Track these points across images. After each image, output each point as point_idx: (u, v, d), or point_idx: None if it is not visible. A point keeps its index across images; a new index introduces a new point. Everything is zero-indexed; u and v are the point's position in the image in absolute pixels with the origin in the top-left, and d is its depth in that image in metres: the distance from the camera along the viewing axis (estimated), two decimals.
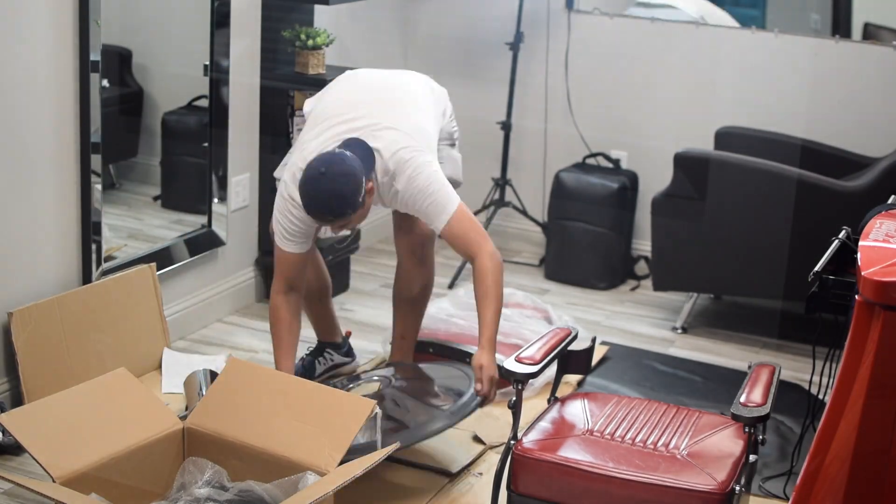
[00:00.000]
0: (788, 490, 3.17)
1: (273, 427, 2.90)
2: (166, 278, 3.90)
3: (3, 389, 3.34)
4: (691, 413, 2.86)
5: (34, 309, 3.32)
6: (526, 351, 2.80)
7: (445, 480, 3.20)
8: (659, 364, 4.10)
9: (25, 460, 3.15)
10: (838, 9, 4.79)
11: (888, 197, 3.00)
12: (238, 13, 4.05)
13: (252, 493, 2.78)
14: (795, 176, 4.14)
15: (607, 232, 4.81)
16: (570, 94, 5.01)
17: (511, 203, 5.07)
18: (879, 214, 2.66)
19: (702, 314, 4.58)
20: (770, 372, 2.77)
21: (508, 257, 5.13)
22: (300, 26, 4.24)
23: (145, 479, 2.88)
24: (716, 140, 4.65)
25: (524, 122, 5.10)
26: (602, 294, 4.77)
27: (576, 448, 2.67)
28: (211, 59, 3.98)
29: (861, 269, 2.22)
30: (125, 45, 3.93)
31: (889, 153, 4.29)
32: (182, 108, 4.17)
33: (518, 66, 4.99)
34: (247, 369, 3.09)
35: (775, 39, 4.68)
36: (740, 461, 2.62)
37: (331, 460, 2.80)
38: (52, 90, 3.36)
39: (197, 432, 2.96)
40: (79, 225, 3.53)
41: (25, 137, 3.31)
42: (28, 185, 3.35)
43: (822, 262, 2.71)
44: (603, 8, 4.96)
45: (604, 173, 4.90)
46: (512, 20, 4.97)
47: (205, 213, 4.12)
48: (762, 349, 4.28)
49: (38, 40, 3.29)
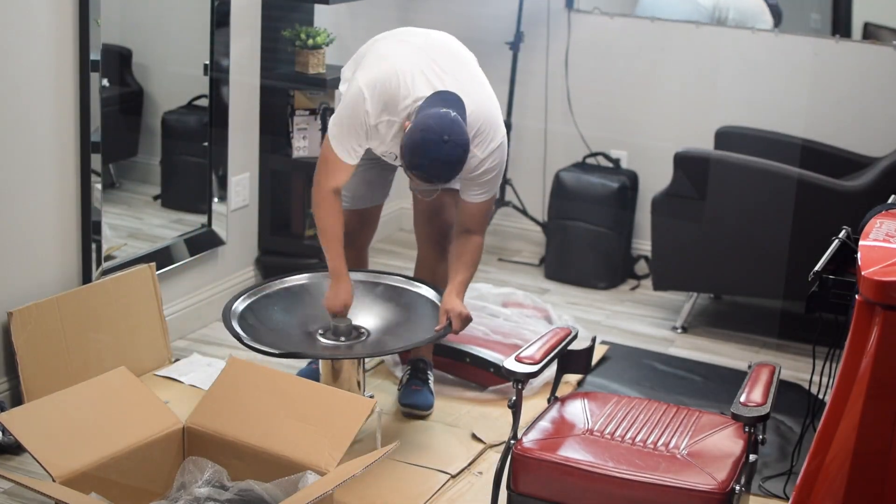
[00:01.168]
0: (788, 490, 3.17)
1: (273, 427, 2.90)
2: (166, 278, 3.90)
3: (3, 389, 3.34)
4: (691, 413, 2.86)
5: (34, 309, 3.32)
6: (526, 350, 2.80)
7: (445, 480, 3.20)
8: (659, 364, 4.10)
9: (25, 459, 3.15)
10: (838, 9, 4.79)
11: (888, 197, 3.00)
12: (238, 13, 4.05)
13: (252, 493, 2.78)
14: (795, 176, 4.14)
15: (607, 231, 4.81)
16: (570, 93, 5.01)
17: (511, 202, 5.07)
18: (879, 214, 2.66)
19: (702, 314, 4.58)
20: (770, 372, 2.77)
21: (508, 257, 5.13)
22: (300, 26, 4.24)
23: (145, 479, 2.88)
24: (716, 140, 4.65)
25: (524, 121, 5.10)
26: (602, 294, 4.77)
27: (576, 448, 2.67)
28: (211, 58, 3.99)
29: (861, 268, 2.22)
30: (125, 45, 3.93)
31: (889, 153, 4.29)
32: (182, 107, 4.17)
33: (518, 65, 4.99)
34: (247, 369, 3.09)
35: (775, 39, 4.68)
36: (740, 461, 2.62)
37: (331, 460, 2.80)
38: (52, 90, 3.36)
39: (197, 432, 2.96)
40: (79, 225, 3.53)
41: (25, 137, 3.31)
42: (28, 185, 3.35)
43: (822, 261, 2.71)
44: (603, 8, 4.96)
45: (604, 173, 4.90)
46: (512, 20, 4.97)
47: (205, 213, 4.12)
48: (762, 349, 4.28)
49: (39, 40, 3.29)
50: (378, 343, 3.35)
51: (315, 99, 4.27)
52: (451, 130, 3.02)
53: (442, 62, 3.24)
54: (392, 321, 3.43)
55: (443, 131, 3.01)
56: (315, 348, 3.30)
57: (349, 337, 3.33)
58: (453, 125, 3.04)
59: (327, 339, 3.33)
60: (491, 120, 3.22)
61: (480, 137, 3.20)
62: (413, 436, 3.44)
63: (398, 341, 3.35)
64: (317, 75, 4.23)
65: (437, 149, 3.01)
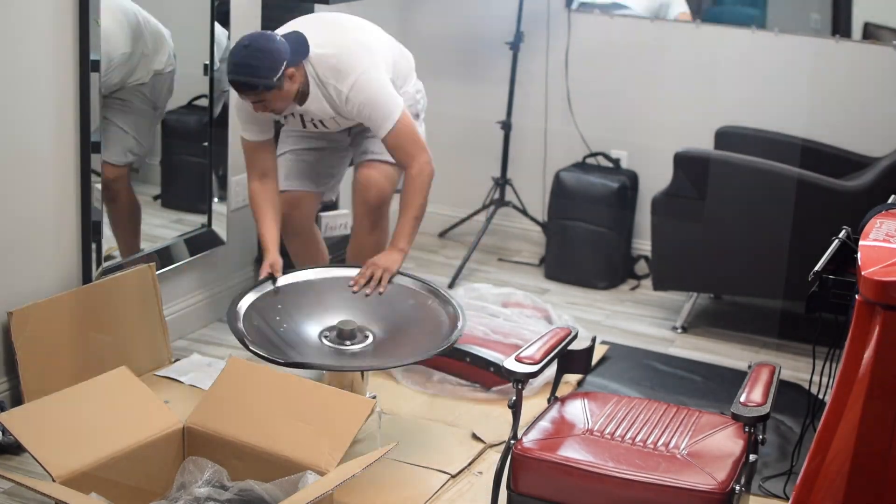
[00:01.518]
0: (788, 490, 3.17)
1: (273, 427, 2.90)
2: (166, 278, 3.90)
3: (3, 389, 3.34)
4: (691, 413, 2.86)
5: (34, 309, 3.32)
6: (526, 350, 2.80)
7: (445, 480, 3.20)
8: (659, 364, 4.10)
9: (25, 459, 3.15)
10: (838, 8, 4.78)
11: (888, 197, 3.00)
12: (238, 13, 4.06)
13: (252, 493, 2.78)
14: (795, 176, 4.14)
15: (607, 231, 4.81)
16: (570, 93, 5.01)
17: (511, 202, 5.07)
18: (879, 214, 2.66)
19: (702, 314, 4.58)
20: (770, 372, 2.77)
21: (508, 257, 5.13)
22: None
23: (145, 479, 2.88)
24: (716, 139, 4.65)
25: (524, 121, 5.10)
26: (602, 294, 4.77)
27: (576, 447, 2.67)
28: (211, 58, 3.99)
29: (861, 268, 2.22)
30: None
31: (889, 153, 4.29)
32: (182, 107, 4.17)
33: (518, 65, 4.99)
34: (247, 369, 3.09)
35: (775, 39, 4.68)
36: (740, 461, 2.62)
37: (331, 460, 2.80)
38: (52, 90, 3.36)
39: (197, 432, 2.96)
40: (79, 225, 3.53)
41: (25, 137, 3.31)
42: (28, 185, 3.35)
43: (822, 261, 2.71)
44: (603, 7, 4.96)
45: (604, 173, 4.90)
46: (512, 20, 4.97)
47: (205, 213, 4.12)
48: (762, 349, 4.28)
49: (39, 40, 3.29)
50: (383, 346, 3.34)
51: None
52: (253, 38, 3.37)
53: (315, 26, 3.55)
54: (397, 322, 3.42)
55: (246, 39, 3.37)
56: (321, 351, 3.29)
57: (354, 340, 3.33)
58: (260, 37, 3.38)
59: (331, 341, 3.33)
60: (343, 56, 3.46)
61: (335, 72, 3.45)
62: (413, 436, 3.44)
63: (403, 345, 3.34)
64: None
65: (237, 52, 3.35)
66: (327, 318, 3.39)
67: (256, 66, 3.31)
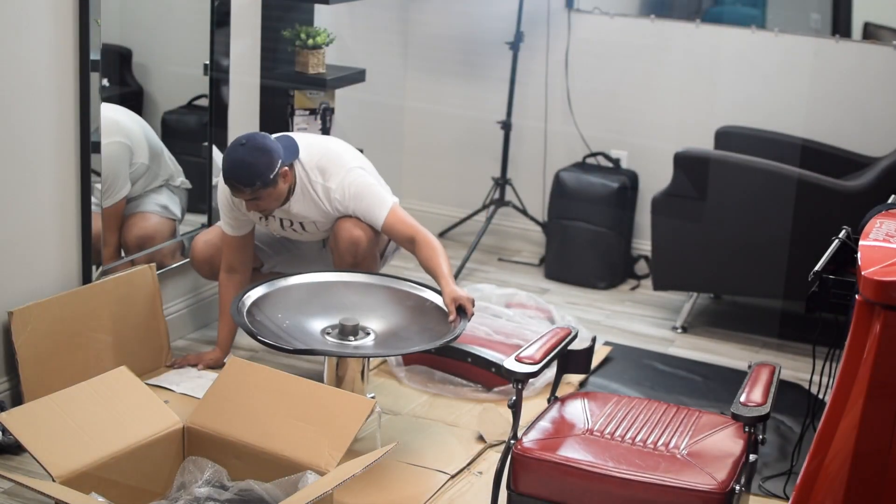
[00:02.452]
0: (788, 490, 3.17)
1: (273, 427, 2.90)
2: (166, 278, 3.90)
3: (3, 389, 3.34)
4: (691, 413, 2.86)
5: (34, 309, 3.32)
6: (526, 350, 2.80)
7: (445, 480, 3.20)
8: (659, 364, 4.10)
9: (25, 459, 3.15)
10: (838, 8, 4.79)
11: (888, 197, 3.01)
12: (238, 12, 4.05)
13: (252, 493, 2.78)
14: (795, 175, 4.14)
15: (607, 231, 4.81)
16: (570, 93, 5.01)
17: (511, 202, 5.07)
18: (879, 214, 2.66)
19: (702, 314, 4.58)
20: (770, 371, 2.78)
21: (508, 257, 5.13)
22: (300, 25, 4.24)
23: (145, 479, 2.88)
24: (716, 139, 4.65)
25: (524, 121, 5.10)
26: (602, 294, 4.77)
27: (576, 447, 2.67)
28: (211, 58, 3.98)
29: (861, 268, 2.22)
30: (125, 45, 3.92)
31: (889, 153, 4.29)
32: (182, 107, 4.17)
33: (518, 65, 4.99)
34: (247, 369, 3.09)
35: (775, 39, 4.68)
36: (740, 461, 2.62)
37: (331, 460, 2.80)
38: (52, 90, 3.36)
39: (197, 432, 2.96)
40: (79, 225, 3.53)
41: (25, 137, 3.31)
42: (28, 185, 3.35)
43: (822, 261, 2.71)
44: (603, 7, 4.96)
45: (604, 173, 4.90)
46: (512, 20, 4.97)
47: (205, 213, 4.12)
48: (762, 349, 4.28)
49: (39, 40, 3.29)
50: (384, 342, 3.35)
51: (315, 99, 4.28)
52: (249, 137, 3.43)
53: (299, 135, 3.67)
54: (397, 323, 3.43)
55: (243, 138, 3.43)
56: (325, 346, 3.31)
57: (356, 336, 3.34)
58: (255, 136, 3.45)
59: (333, 337, 3.34)
60: (331, 156, 3.59)
61: (322, 171, 3.56)
62: (413, 436, 3.44)
63: (404, 339, 3.35)
64: (317, 75, 4.23)
65: (234, 150, 3.41)
66: (328, 317, 3.40)
67: (254, 162, 3.37)
